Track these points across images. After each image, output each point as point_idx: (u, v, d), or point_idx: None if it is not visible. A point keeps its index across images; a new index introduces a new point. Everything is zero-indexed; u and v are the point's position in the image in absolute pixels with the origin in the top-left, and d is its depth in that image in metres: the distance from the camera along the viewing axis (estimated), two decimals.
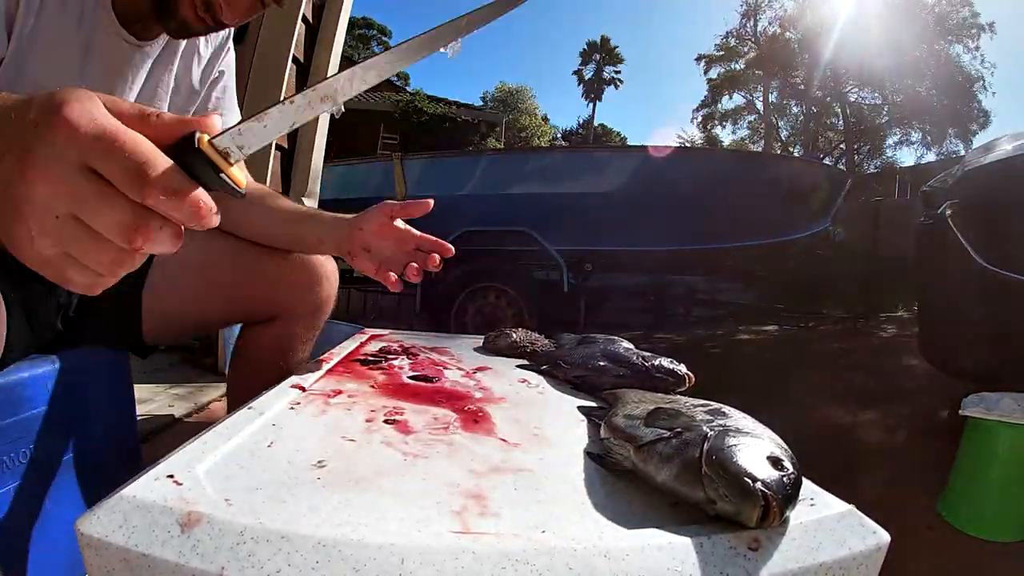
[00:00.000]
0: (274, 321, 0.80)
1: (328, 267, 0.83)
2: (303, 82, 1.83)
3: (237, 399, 0.51)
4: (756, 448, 0.34)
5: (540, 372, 0.71)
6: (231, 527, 0.29)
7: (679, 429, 0.37)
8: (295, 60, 1.75)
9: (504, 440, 0.46)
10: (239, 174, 0.29)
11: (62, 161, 0.25)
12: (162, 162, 0.26)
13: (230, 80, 0.80)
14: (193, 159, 0.27)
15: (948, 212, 1.72)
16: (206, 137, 0.28)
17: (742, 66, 16.33)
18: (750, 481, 0.30)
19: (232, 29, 0.75)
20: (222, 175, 0.28)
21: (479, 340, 0.93)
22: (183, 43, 0.70)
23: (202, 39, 0.73)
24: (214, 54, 0.76)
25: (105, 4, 0.60)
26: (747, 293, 5.12)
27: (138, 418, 0.86)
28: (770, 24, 15.46)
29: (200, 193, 0.27)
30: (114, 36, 0.61)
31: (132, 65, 0.64)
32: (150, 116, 0.28)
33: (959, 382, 1.81)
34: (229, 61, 0.79)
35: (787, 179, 4.11)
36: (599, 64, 23.94)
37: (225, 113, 0.78)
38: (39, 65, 0.55)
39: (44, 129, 0.25)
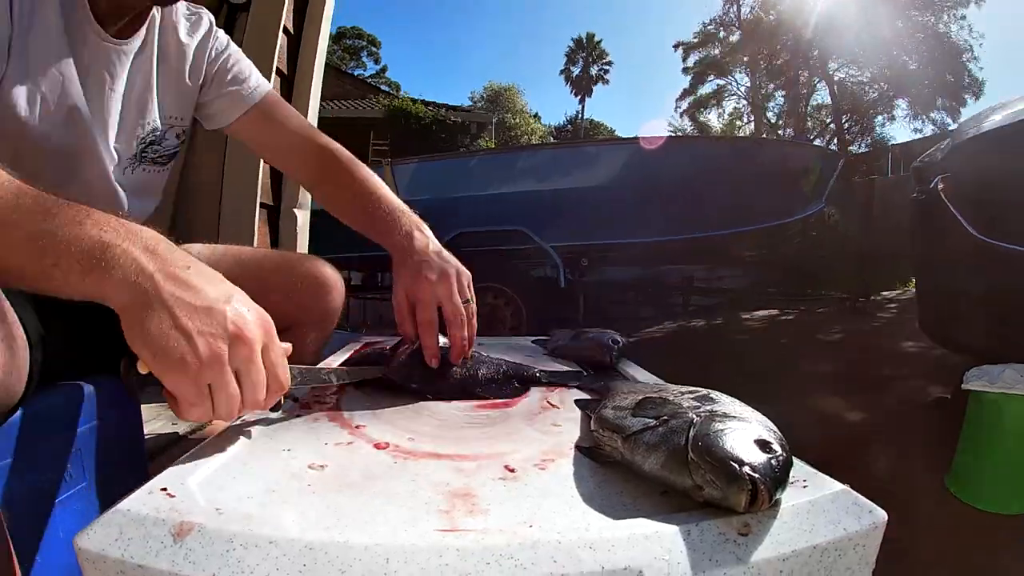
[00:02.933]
0: (284, 332, 0.81)
1: (336, 278, 0.85)
2: (288, 92, 1.83)
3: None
4: (743, 432, 0.33)
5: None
6: (221, 535, 0.29)
7: (666, 417, 0.37)
8: (278, 72, 1.76)
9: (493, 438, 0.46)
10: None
11: (255, 348, 0.38)
12: (287, 381, 0.42)
13: (234, 55, 0.80)
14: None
15: (940, 186, 1.72)
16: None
17: (718, 52, 16.27)
18: (736, 465, 0.30)
19: (211, 18, 0.76)
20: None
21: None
22: (156, 39, 0.70)
23: (182, 33, 0.73)
24: (200, 44, 0.76)
25: (83, 3, 0.60)
26: (745, 279, 5.11)
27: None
28: (752, 9, 15.44)
29: None
30: (93, 36, 0.62)
31: (112, 64, 0.65)
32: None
33: (961, 356, 1.81)
34: (221, 42, 0.79)
35: (779, 163, 4.10)
36: (586, 61, 23.93)
37: (250, 83, 0.78)
38: (26, 74, 0.56)
39: (261, 329, 0.40)
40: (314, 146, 0.79)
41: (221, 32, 0.79)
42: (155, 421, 1.55)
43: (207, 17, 0.76)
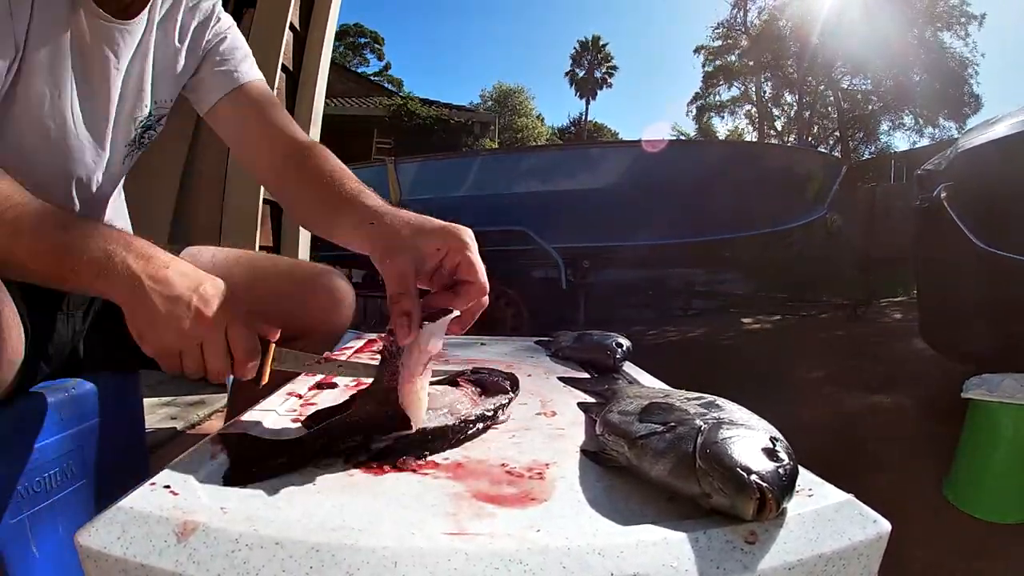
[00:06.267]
0: (292, 342, 0.81)
1: (348, 291, 0.86)
2: (293, 89, 1.83)
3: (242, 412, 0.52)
4: (750, 440, 0.33)
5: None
6: (226, 535, 0.29)
7: (673, 423, 0.36)
8: (284, 68, 1.75)
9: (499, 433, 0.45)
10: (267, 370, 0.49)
11: (220, 331, 0.46)
12: (256, 359, 0.48)
13: (233, 38, 0.77)
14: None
15: (943, 195, 1.71)
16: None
17: (736, 57, 16.33)
18: (745, 474, 0.30)
19: (218, 5, 0.75)
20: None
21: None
22: (157, 21, 0.68)
23: (183, 12, 0.71)
24: (201, 24, 0.73)
25: None
26: (746, 284, 5.11)
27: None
28: (760, 14, 15.47)
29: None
30: (93, 18, 0.61)
31: (117, 44, 0.64)
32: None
33: (961, 364, 1.81)
34: (223, 24, 0.76)
35: (782, 168, 4.11)
36: (591, 64, 23.91)
37: (240, 68, 0.75)
38: (32, 63, 0.57)
39: (223, 311, 0.46)
40: (298, 144, 0.71)
41: (224, 14, 0.76)
42: (152, 416, 1.54)
43: None
